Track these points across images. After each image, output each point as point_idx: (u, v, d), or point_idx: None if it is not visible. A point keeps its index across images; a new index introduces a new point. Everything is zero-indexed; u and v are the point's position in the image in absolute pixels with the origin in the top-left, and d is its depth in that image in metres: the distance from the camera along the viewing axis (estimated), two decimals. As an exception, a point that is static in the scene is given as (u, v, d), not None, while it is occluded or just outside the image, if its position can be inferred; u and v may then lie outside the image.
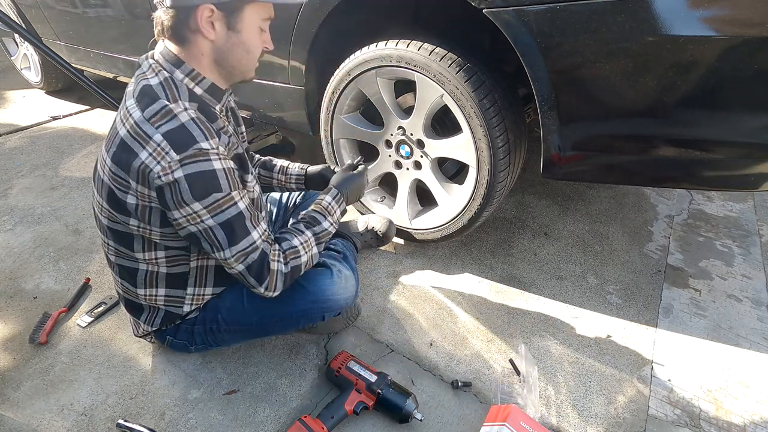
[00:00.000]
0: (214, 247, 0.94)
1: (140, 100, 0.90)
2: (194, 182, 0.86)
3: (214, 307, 1.13)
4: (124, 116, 0.91)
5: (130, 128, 0.88)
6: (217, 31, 0.91)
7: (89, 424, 1.10)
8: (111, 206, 0.97)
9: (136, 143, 0.87)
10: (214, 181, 0.88)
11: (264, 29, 0.98)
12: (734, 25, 0.86)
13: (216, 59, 0.95)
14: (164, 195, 0.88)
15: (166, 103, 0.89)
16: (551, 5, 0.96)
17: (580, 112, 1.09)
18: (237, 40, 0.93)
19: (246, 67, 0.99)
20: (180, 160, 0.85)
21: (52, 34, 2.52)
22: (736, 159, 1.02)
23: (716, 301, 1.44)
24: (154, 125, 0.86)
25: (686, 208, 1.88)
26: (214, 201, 0.89)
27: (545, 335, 1.33)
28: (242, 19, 0.92)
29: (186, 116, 0.88)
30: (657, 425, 1.10)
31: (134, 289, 1.09)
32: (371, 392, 1.09)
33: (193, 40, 0.92)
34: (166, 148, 0.85)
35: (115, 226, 1.00)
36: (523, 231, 1.74)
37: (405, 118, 1.41)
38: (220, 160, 0.89)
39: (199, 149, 0.87)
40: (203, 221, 0.90)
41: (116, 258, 1.06)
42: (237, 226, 0.93)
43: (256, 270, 0.97)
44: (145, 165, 0.86)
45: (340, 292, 1.15)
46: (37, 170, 2.20)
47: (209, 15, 0.89)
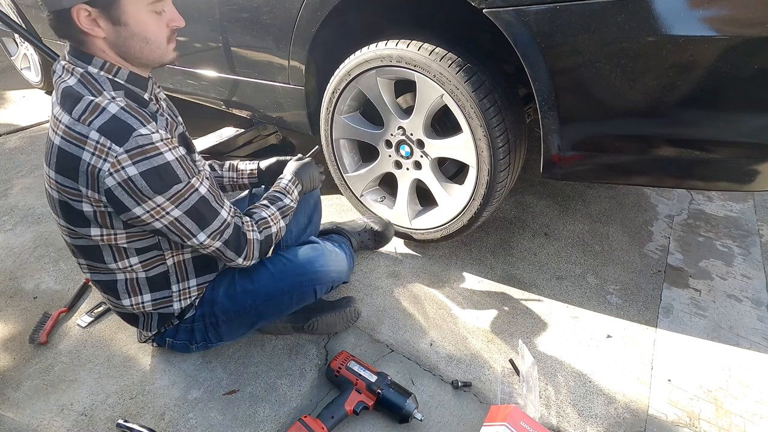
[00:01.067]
0: (185, 236, 0.93)
1: (64, 103, 0.86)
2: (151, 177, 0.84)
3: (209, 300, 1.14)
4: (54, 124, 0.88)
5: (63, 134, 0.85)
6: (103, 28, 0.86)
7: (89, 424, 1.10)
8: (68, 221, 0.93)
9: (74, 146, 0.83)
10: (171, 172, 0.86)
11: (160, 11, 0.90)
12: (734, 25, 0.86)
13: (118, 53, 0.90)
14: (118, 195, 0.84)
15: (90, 98, 0.85)
16: (551, 5, 0.96)
17: (580, 112, 1.09)
18: (128, 33, 0.88)
19: (153, 54, 0.93)
20: (128, 154, 0.82)
21: (52, 34, 2.52)
22: (736, 159, 1.02)
23: (716, 301, 1.44)
24: (85, 123, 0.83)
25: (686, 208, 1.88)
26: (176, 192, 0.88)
27: (545, 335, 1.33)
28: (123, 11, 0.85)
29: (115, 107, 0.85)
30: (657, 425, 1.10)
31: (119, 301, 1.07)
32: (371, 392, 1.09)
33: (86, 40, 0.88)
34: (106, 143, 0.82)
35: (80, 242, 0.97)
36: (523, 231, 1.74)
37: (405, 118, 1.41)
38: (170, 150, 0.87)
39: (140, 136, 0.83)
40: (168, 213, 0.89)
41: (92, 274, 1.04)
42: (204, 210, 0.93)
43: (233, 243, 1.00)
44: (92, 166, 0.83)
45: (328, 264, 1.16)
46: (37, 170, 2.20)
47: (87, 14, 0.83)
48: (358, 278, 1.53)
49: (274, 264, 1.15)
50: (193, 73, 1.88)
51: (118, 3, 0.85)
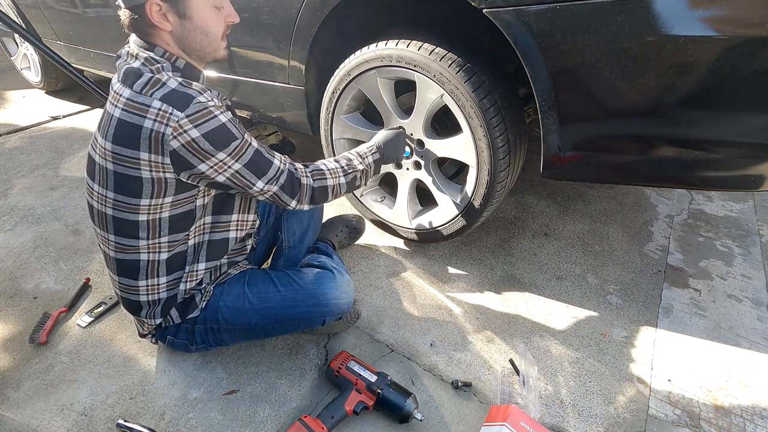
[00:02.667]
0: (246, 186, 1.01)
1: (126, 80, 0.94)
2: (212, 138, 0.92)
3: (214, 307, 1.14)
4: (114, 99, 0.95)
5: (125, 106, 0.92)
6: (171, 22, 0.96)
7: (89, 424, 1.10)
8: (119, 191, 0.97)
9: (135, 116, 0.90)
10: (228, 132, 0.95)
11: (220, 6, 1.01)
12: (734, 25, 0.86)
13: (180, 46, 1.00)
14: (184, 155, 0.91)
15: (152, 74, 0.93)
16: (551, 5, 0.96)
17: (580, 112, 1.09)
18: (192, 26, 0.97)
19: (210, 47, 1.02)
20: (189, 119, 0.90)
21: (52, 34, 2.52)
22: (736, 159, 1.02)
23: (716, 301, 1.44)
24: (147, 94, 0.91)
25: (686, 208, 1.88)
26: (235, 147, 0.96)
27: (545, 335, 1.33)
28: (189, 5, 0.95)
29: (174, 82, 0.93)
30: (657, 425, 1.10)
31: (135, 284, 1.08)
32: (371, 392, 1.09)
33: (154, 33, 0.97)
34: (168, 109, 0.89)
35: (123, 215, 1.00)
36: (523, 231, 1.74)
37: (405, 118, 1.41)
38: (223, 113, 0.95)
39: (199, 103, 0.91)
40: (230, 167, 0.97)
41: (116, 253, 1.05)
42: (259, 160, 1.01)
43: (288, 187, 1.07)
44: (155, 131, 0.89)
45: (341, 297, 1.16)
46: (37, 170, 2.20)
47: (158, 9, 0.93)
48: (358, 278, 1.53)
49: (284, 286, 1.16)
50: (193, 73, 1.88)
51: None
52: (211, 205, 1.07)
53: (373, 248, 1.67)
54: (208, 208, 1.07)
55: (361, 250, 1.65)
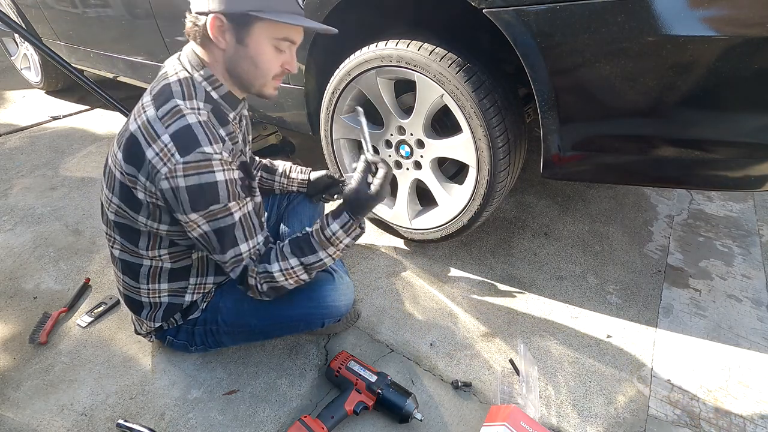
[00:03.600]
0: (210, 249, 0.98)
1: (156, 98, 0.92)
2: (195, 193, 0.88)
3: (214, 308, 1.14)
4: (138, 111, 0.94)
5: (142, 124, 0.90)
6: (227, 41, 0.93)
7: (89, 424, 1.10)
8: (122, 201, 0.97)
9: (144, 140, 0.89)
10: (214, 192, 0.89)
11: (282, 50, 0.96)
12: (734, 25, 0.86)
13: (228, 68, 0.97)
14: (168, 198, 0.90)
15: (178, 103, 0.90)
16: (551, 5, 0.96)
17: (580, 112, 1.09)
18: (244, 53, 0.94)
19: (257, 81, 0.98)
20: (184, 166, 0.86)
21: (52, 34, 2.52)
22: (736, 159, 1.02)
23: (716, 301, 1.44)
24: (164, 124, 0.88)
25: (686, 208, 1.88)
26: (211, 211, 0.91)
27: (545, 335, 1.33)
28: (251, 34, 0.92)
29: (194, 118, 0.90)
30: (657, 425, 1.10)
31: (136, 285, 1.08)
32: (371, 392, 1.09)
33: (209, 47, 0.95)
34: (172, 149, 0.87)
35: (123, 221, 1.01)
36: (523, 231, 1.74)
37: (405, 118, 1.41)
38: (223, 171, 0.90)
39: (202, 153, 0.87)
40: (200, 227, 0.93)
41: (120, 253, 1.06)
42: (228, 236, 0.95)
43: (240, 279, 1.01)
44: (153, 165, 0.88)
45: (341, 299, 1.16)
46: (37, 170, 2.20)
47: (219, 24, 0.90)
48: (358, 278, 1.53)
49: None
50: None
51: (250, 25, 0.91)
52: None
53: (373, 248, 1.67)
54: None
55: (361, 250, 1.65)
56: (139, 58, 2.10)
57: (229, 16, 0.89)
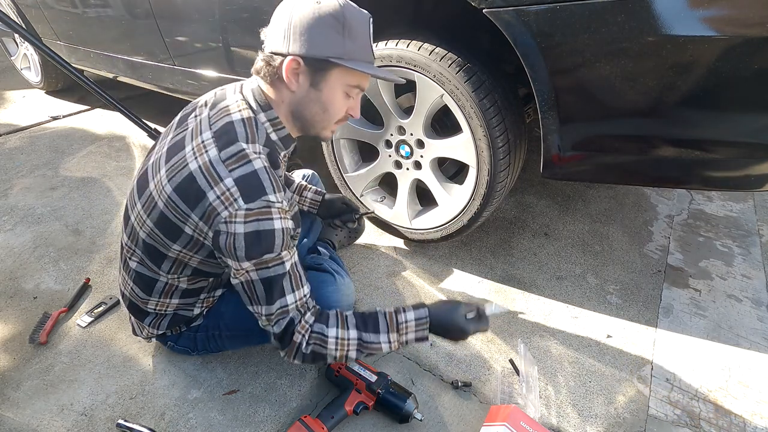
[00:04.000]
0: (252, 299, 0.93)
1: (219, 137, 0.89)
2: (251, 241, 0.86)
3: (216, 314, 1.14)
4: (198, 149, 0.89)
5: (203, 165, 0.87)
6: (300, 83, 0.91)
7: (89, 424, 1.10)
8: (159, 228, 0.94)
9: (206, 182, 0.86)
10: (270, 240, 0.87)
11: (351, 96, 0.97)
12: (734, 25, 0.86)
13: (292, 110, 0.96)
14: (219, 239, 0.87)
15: (243, 147, 0.88)
16: (551, 5, 0.96)
17: (580, 112, 1.09)
18: (316, 97, 0.93)
19: (320, 124, 0.98)
20: (246, 212, 0.84)
21: (52, 34, 2.52)
22: (737, 159, 1.02)
23: (716, 301, 1.44)
24: (228, 168, 0.86)
25: (686, 208, 1.88)
26: (264, 260, 0.88)
27: (545, 335, 1.33)
28: (326, 79, 0.91)
29: (260, 163, 0.88)
30: (657, 425, 1.10)
31: (146, 297, 1.07)
32: (371, 392, 1.09)
33: (278, 86, 0.93)
34: (236, 194, 0.84)
35: (153, 244, 0.98)
36: (523, 231, 1.74)
37: (405, 118, 1.41)
38: (281, 219, 0.88)
39: (266, 201, 0.86)
40: (249, 274, 0.90)
41: (138, 266, 1.03)
42: (276, 286, 0.91)
43: (280, 334, 0.95)
44: (212, 206, 0.85)
45: (342, 300, 1.16)
46: (37, 170, 2.20)
47: (296, 67, 0.89)
48: (359, 278, 1.53)
49: None
50: (193, 73, 1.88)
51: (327, 71, 0.90)
52: None
53: (373, 248, 1.67)
54: None
55: (361, 250, 1.65)
56: (139, 58, 2.10)
57: (307, 59, 0.88)
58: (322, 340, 0.95)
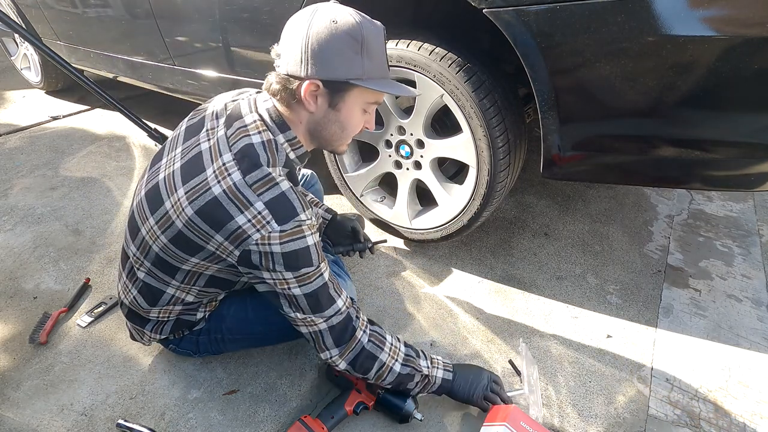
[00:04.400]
0: (296, 308, 0.93)
1: (241, 160, 0.87)
2: (290, 258, 0.86)
3: (218, 317, 1.13)
4: (220, 172, 0.87)
5: (228, 189, 0.85)
6: (318, 105, 0.91)
7: (89, 424, 1.10)
8: (175, 244, 0.93)
9: (234, 207, 0.85)
10: (307, 256, 0.88)
11: (368, 111, 0.98)
12: (734, 25, 0.86)
13: (310, 129, 0.95)
14: (254, 259, 0.87)
15: (269, 171, 0.87)
16: (551, 5, 0.96)
17: (580, 112, 1.09)
18: (335, 118, 0.93)
19: (338, 141, 0.99)
20: (281, 234, 0.84)
21: (52, 34, 2.52)
22: (737, 159, 1.02)
23: (716, 301, 1.44)
24: (256, 192, 0.85)
25: (686, 208, 1.88)
26: (305, 273, 0.89)
27: (545, 335, 1.33)
28: (345, 100, 0.91)
29: (286, 185, 0.88)
30: (657, 425, 1.10)
31: (149, 308, 1.06)
32: (371, 392, 1.09)
33: (295, 108, 0.93)
34: (267, 217, 0.84)
35: (167, 258, 0.96)
36: (523, 231, 1.74)
37: (405, 118, 1.41)
38: (312, 235, 0.89)
39: (300, 221, 0.86)
40: (290, 288, 0.90)
41: (146, 276, 1.02)
42: (322, 296, 0.92)
43: (339, 331, 0.95)
44: (243, 230, 0.84)
45: None
46: (37, 170, 2.20)
47: (314, 90, 0.88)
48: (358, 278, 1.53)
49: None
50: (193, 73, 1.88)
51: (347, 93, 0.90)
52: None
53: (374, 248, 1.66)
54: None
55: (361, 251, 1.65)
56: (139, 58, 2.10)
57: (326, 82, 0.87)
58: (380, 340, 0.99)
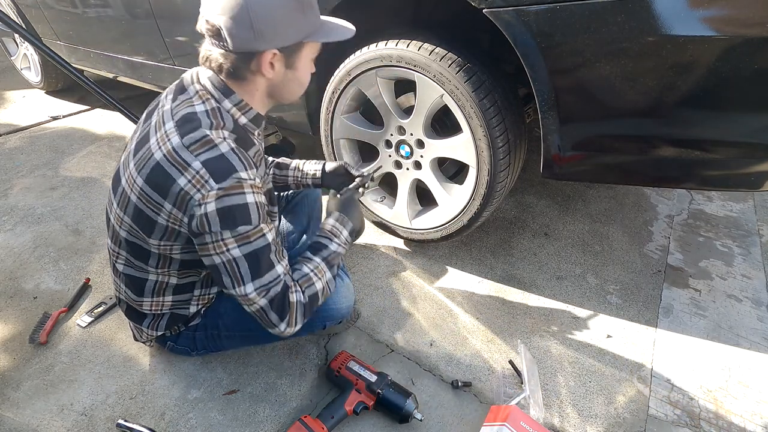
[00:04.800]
0: (236, 281, 0.91)
1: (181, 125, 0.89)
2: (224, 214, 0.86)
3: (215, 313, 1.14)
4: (161, 139, 0.89)
5: (167, 153, 0.87)
6: (276, 70, 0.92)
7: (89, 424, 1.10)
8: (136, 224, 0.95)
9: (174, 169, 0.86)
10: (244, 213, 0.88)
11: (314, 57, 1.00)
12: (734, 25, 0.86)
13: (269, 93, 0.97)
14: (193, 222, 0.87)
15: (207, 132, 0.88)
16: (551, 5, 0.96)
17: (580, 112, 1.09)
18: (293, 76, 0.96)
19: (296, 95, 1.02)
20: (218, 191, 0.85)
21: (52, 34, 2.52)
22: (737, 159, 1.02)
23: (716, 301, 1.44)
24: (193, 153, 0.86)
25: (686, 208, 1.88)
26: (243, 233, 0.88)
27: (545, 335, 1.33)
28: (300, 57, 0.94)
29: (226, 146, 0.88)
30: (657, 425, 1.10)
31: (139, 299, 1.07)
32: (371, 392, 1.09)
33: (251, 79, 0.93)
34: (206, 176, 0.85)
35: (134, 241, 0.98)
36: (523, 231, 1.74)
37: (405, 118, 1.41)
38: (253, 194, 0.89)
39: (238, 178, 0.86)
40: (229, 250, 0.89)
41: (125, 268, 1.04)
42: (262, 258, 0.91)
43: (278, 304, 0.94)
44: (185, 192, 0.85)
45: (341, 302, 1.16)
46: (37, 170, 2.20)
47: (271, 58, 0.90)
48: (358, 278, 1.53)
49: None
50: (193, 73, 1.88)
51: (300, 51, 0.93)
52: None
53: (373, 248, 1.67)
54: None
55: (361, 250, 1.65)
56: (139, 58, 2.10)
57: (283, 48, 0.89)
58: (308, 280, 1.01)
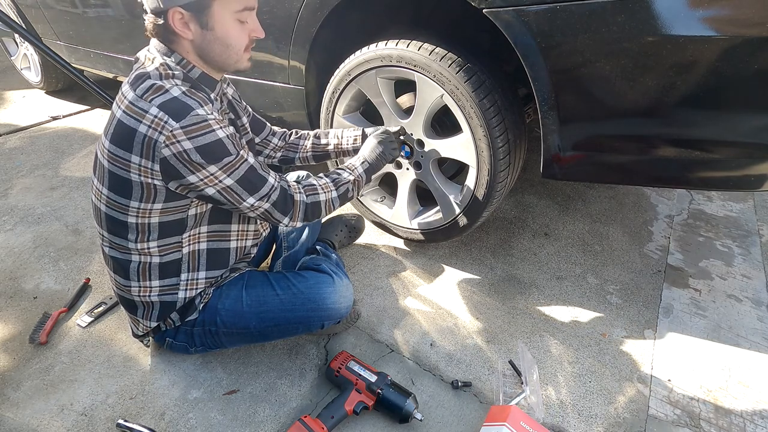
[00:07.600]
0: (236, 201, 1.00)
1: (134, 83, 0.94)
2: (205, 152, 0.91)
3: (213, 310, 1.14)
4: (120, 99, 0.95)
5: (126, 108, 0.92)
6: (192, 30, 0.95)
7: (89, 424, 1.10)
8: (112, 190, 0.98)
9: (133, 120, 0.90)
10: (222, 147, 0.93)
11: (244, 20, 0.99)
12: (734, 25, 0.86)
13: (200, 55, 0.99)
14: (173, 164, 0.91)
15: (157, 81, 0.93)
16: (551, 5, 0.96)
17: (580, 112, 1.09)
18: (213, 37, 0.97)
19: (231, 59, 1.01)
20: (183, 130, 0.89)
21: (52, 34, 2.52)
22: (736, 159, 1.02)
23: (716, 301, 1.44)
24: (147, 100, 0.90)
25: (686, 208, 1.88)
26: (228, 162, 0.95)
27: (545, 335, 1.33)
28: (212, 15, 0.94)
29: (177, 90, 0.93)
30: (657, 425, 1.10)
31: (127, 283, 1.08)
32: (371, 392, 1.09)
33: (175, 40, 0.97)
34: (164, 117, 0.89)
35: (113, 213, 1.01)
36: (523, 231, 1.74)
37: (405, 118, 1.41)
38: (222, 129, 0.94)
39: (196, 115, 0.90)
40: (221, 181, 0.96)
41: (110, 250, 1.07)
42: (252, 177, 1.00)
43: (281, 204, 1.05)
44: (148, 137, 0.89)
45: (340, 301, 1.16)
46: (37, 170, 2.20)
47: (180, 17, 0.93)
48: (358, 278, 1.53)
49: (283, 290, 1.15)
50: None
51: (209, 9, 0.94)
52: (207, 214, 1.07)
53: (373, 248, 1.67)
54: (204, 218, 1.07)
55: (361, 250, 1.65)
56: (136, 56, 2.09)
57: (187, 6, 0.91)
58: (313, 189, 1.11)
